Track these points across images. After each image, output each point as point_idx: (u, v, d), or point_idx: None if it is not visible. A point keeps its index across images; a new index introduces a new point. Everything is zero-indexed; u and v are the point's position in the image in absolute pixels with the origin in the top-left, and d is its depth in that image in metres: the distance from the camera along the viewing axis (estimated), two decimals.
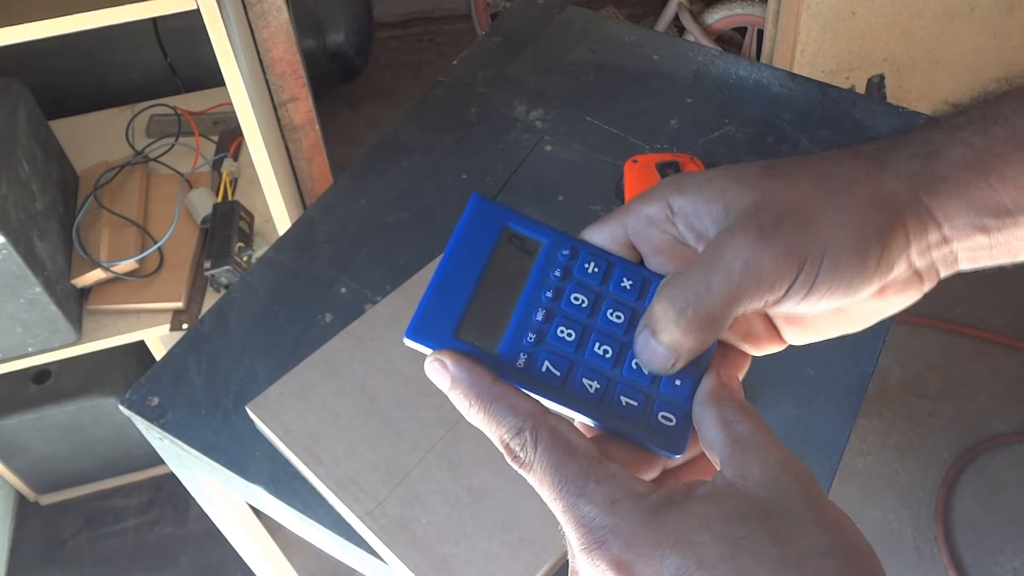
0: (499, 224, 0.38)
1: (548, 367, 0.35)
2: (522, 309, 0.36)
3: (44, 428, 1.41)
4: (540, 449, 0.32)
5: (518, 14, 1.05)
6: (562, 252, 0.37)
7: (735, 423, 0.32)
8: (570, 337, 0.36)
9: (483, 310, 0.36)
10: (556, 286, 0.37)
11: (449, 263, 0.37)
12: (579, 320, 0.37)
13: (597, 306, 0.37)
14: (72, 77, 1.46)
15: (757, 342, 0.38)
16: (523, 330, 0.36)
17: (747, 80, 0.95)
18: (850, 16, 1.64)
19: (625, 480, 0.32)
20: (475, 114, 0.92)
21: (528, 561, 0.59)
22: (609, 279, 0.37)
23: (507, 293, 0.37)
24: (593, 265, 0.37)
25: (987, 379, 1.70)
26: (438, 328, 0.36)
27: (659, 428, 0.35)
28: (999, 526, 1.50)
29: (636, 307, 0.37)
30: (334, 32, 1.96)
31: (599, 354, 0.36)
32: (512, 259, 0.37)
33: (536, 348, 0.36)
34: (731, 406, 0.33)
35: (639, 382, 0.36)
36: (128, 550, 1.53)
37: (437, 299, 0.36)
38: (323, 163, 1.48)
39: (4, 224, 1.02)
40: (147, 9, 0.94)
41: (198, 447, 0.67)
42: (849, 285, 0.33)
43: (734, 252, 0.33)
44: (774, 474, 0.30)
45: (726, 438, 0.32)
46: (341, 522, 0.63)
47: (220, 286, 1.21)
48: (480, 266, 0.37)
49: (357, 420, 0.65)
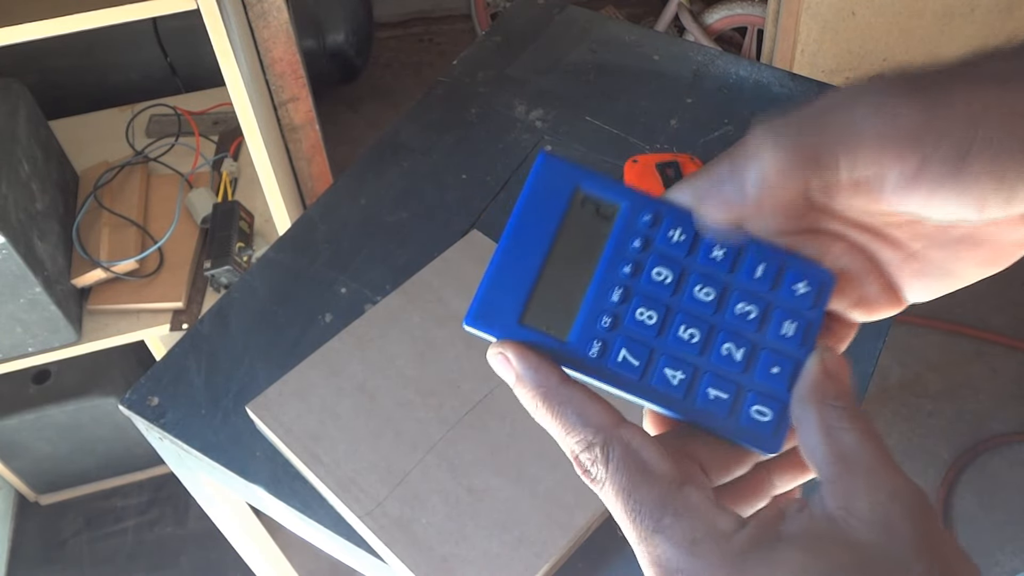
0: (570, 186, 0.33)
1: (625, 356, 0.31)
2: (596, 288, 0.32)
3: (44, 428, 1.41)
4: (612, 468, 0.29)
5: (518, 14, 1.05)
6: (642, 217, 0.32)
7: (840, 431, 0.28)
8: (651, 320, 0.32)
9: (552, 290, 0.32)
10: (635, 259, 0.32)
11: (513, 235, 0.33)
12: (661, 299, 0.32)
13: (682, 281, 0.32)
14: (72, 77, 1.46)
15: (870, 306, 0.32)
16: (597, 313, 0.32)
17: (747, 80, 0.95)
18: (850, 16, 1.64)
19: (707, 514, 0.28)
20: (475, 114, 0.92)
21: (528, 561, 0.59)
22: (697, 247, 0.32)
23: (580, 269, 0.32)
24: (679, 232, 0.32)
25: (987, 379, 1.70)
26: (502, 313, 0.32)
27: (752, 424, 0.31)
28: (999, 526, 1.51)
29: (729, 281, 0.32)
30: (334, 32, 1.96)
31: (684, 339, 0.31)
32: (586, 228, 0.33)
33: (611, 334, 0.31)
34: (837, 408, 0.28)
35: (730, 370, 0.31)
36: (128, 550, 1.53)
37: (500, 278, 0.32)
38: (323, 163, 1.48)
39: (4, 224, 1.02)
40: (147, 9, 0.94)
41: (198, 447, 0.67)
42: (1002, 181, 0.26)
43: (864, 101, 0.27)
44: (883, 511, 0.26)
45: (829, 450, 0.27)
46: (341, 522, 0.63)
47: (220, 286, 1.21)
48: (549, 237, 0.32)
49: (357, 420, 0.65)
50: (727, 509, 0.28)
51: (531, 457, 0.63)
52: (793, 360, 0.31)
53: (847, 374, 0.30)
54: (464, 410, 0.66)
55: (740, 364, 0.31)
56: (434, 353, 0.69)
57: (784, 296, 0.32)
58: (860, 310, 0.32)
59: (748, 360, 0.31)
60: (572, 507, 0.61)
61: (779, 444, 0.31)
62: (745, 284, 0.32)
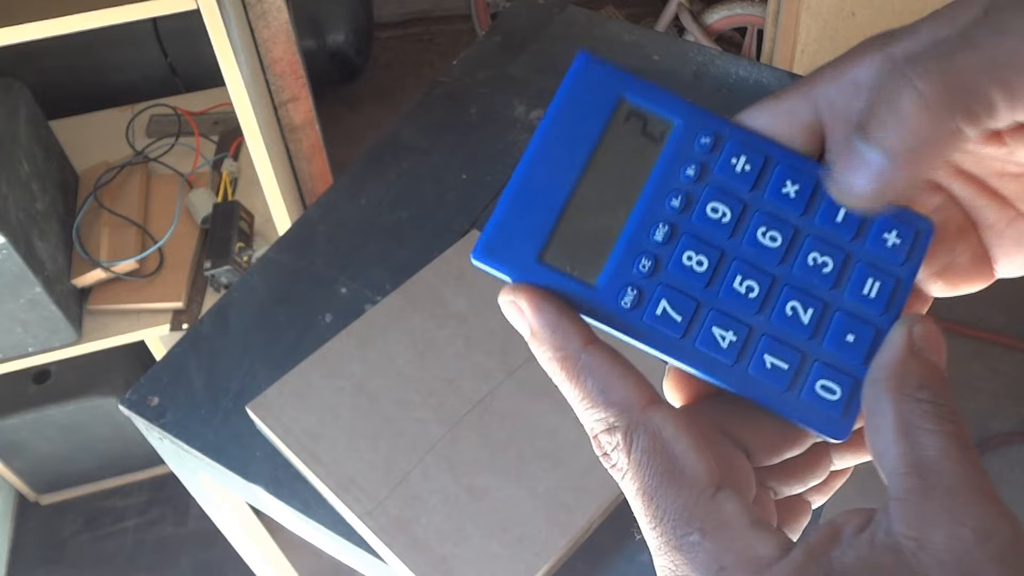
0: (613, 96, 0.27)
1: (665, 309, 0.26)
2: (637, 222, 0.26)
3: (44, 428, 1.41)
4: (635, 460, 0.24)
5: (518, 14, 1.05)
6: (700, 139, 0.27)
7: (921, 432, 0.22)
8: (701, 266, 0.26)
9: (582, 222, 0.26)
10: (687, 190, 0.26)
11: (539, 151, 0.27)
12: (715, 242, 0.26)
13: (743, 221, 0.26)
14: (72, 77, 1.46)
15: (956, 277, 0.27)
16: (635, 254, 0.26)
17: (747, 80, 0.95)
18: (850, 16, 1.64)
19: (742, 535, 0.22)
20: (475, 114, 0.92)
21: (528, 561, 0.59)
22: (764, 181, 0.26)
23: (618, 198, 0.27)
24: (744, 160, 0.26)
25: (987, 379, 1.70)
26: (518, 246, 0.26)
27: (816, 402, 0.25)
28: None
29: (801, 225, 0.26)
30: (334, 32, 1.96)
31: (740, 292, 0.26)
32: (629, 147, 0.27)
33: (650, 281, 0.26)
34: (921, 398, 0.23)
35: (794, 334, 0.26)
36: (128, 550, 1.53)
37: (520, 203, 0.27)
38: (323, 163, 1.48)
39: (4, 224, 1.02)
40: (147, 9, 0.94)
41: (198, 447, 0.67)
42: None
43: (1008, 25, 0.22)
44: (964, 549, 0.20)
45: (904, 457, 0.22)
46: (341, 522, 0.63)
47: (220, 286, 1.21)
48: (583, 157, 0.27)
49: (357, 420, 0.65)
50: (767, 528, 0.23)
51: (531, 457, 0.63)
52: (874, 328, 0.25)
53: (942, 356, 0.24)
54: (464, 410, 0.66)
55: (808, 328, 0.26)
56: (434, 353, 0.69)
57: (870, 247, 0.26)
58: (943, 281, 0.27)
59: (818, 323, 0.26)
60: (572, 507, 0.61)
61: (847, 429, 0.25)
62: (822, 230, 0.26)
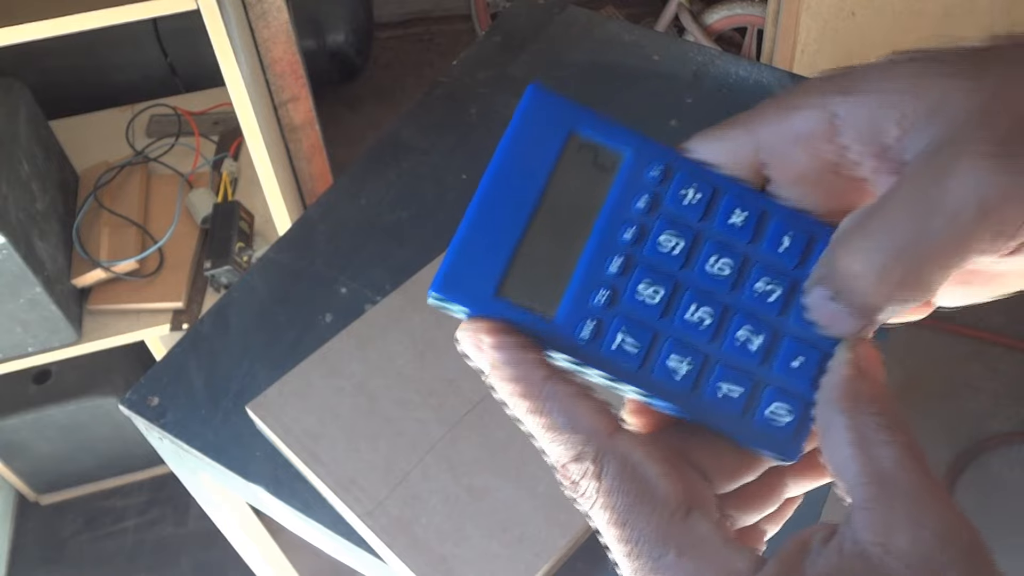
0: (564, 128, 0.27)
1: (622, 341, 0.26)
2: (592, 254, 0.27)
3: (44, 428, 1.41)
4: (606, 486, 0.24)
5: (518, 14, 1.05)
6: (651, 170, 0.27)
7: (877, 445, 0.23)
8: (655, 296, 0.26)
9: (538, 255, 0.27)
10: (640, 221, 0.27)
11: (493, 185, 0.27)
12: (669, 272, 0.27)
13: (695, 251, 0.27)
14: (72, 77, 1.46)
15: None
16: (591, 286, 0.26)
17: (747, 80, 0.95)
18: (850, 16, 1.64)
19: (718, 552, 0.23)
20: (475, 114, 0.92)
21: (528, 561, 0.59)
22: (714, 210, 0.27)
23: (572, 230, 0.27)
24: (693, 191, 0.27)
25: (987, 379, 1.70)
26: (476, 282, 0.26)
27: (768, 427, 0.26)
28: (999, 526, 1.50)
29: (749, 253, 0.27)
30: (334, 32, 1.96)
31: (693, 322, 0.26)
32: (581, 180, 0.27)
33: (607, 312, 0.26)
34: (872, 413, 0.24)
35: (745, 361, 0.26)
36: (128, 550, 1.53)
37: (476, 238, 0.27)
38: (323, 163, 1.48)
39: (4, 224, 1.02)
40: (147, 9, 0.94)
41: (198, 447, 0.67)
42: None
43: (963, 184, 0.22)
44: (927, 550, 0.21)
45: (863, 469, 0.23)
46: (341, 522, 0.63)
47: (220, 286, 1.21)
48: (536, 190, 0.27)
49: (357, 420, 0.65)
50: (739, 545, 0.24)
51: (531, 457, 0.63)
52: (820, 351, 0.26)
53: (881, 370, 0.25)
54: (464, 410, 0.66)
55: (758, 354, 0.26)
56: (434, 353, 0.69)
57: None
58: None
59: (767, 349, 0.26)
60: (572, 507, 0.61)
61: (798, 451, 0.26)
62: (769, 257, 0.27)
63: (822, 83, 0.26)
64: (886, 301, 0.24)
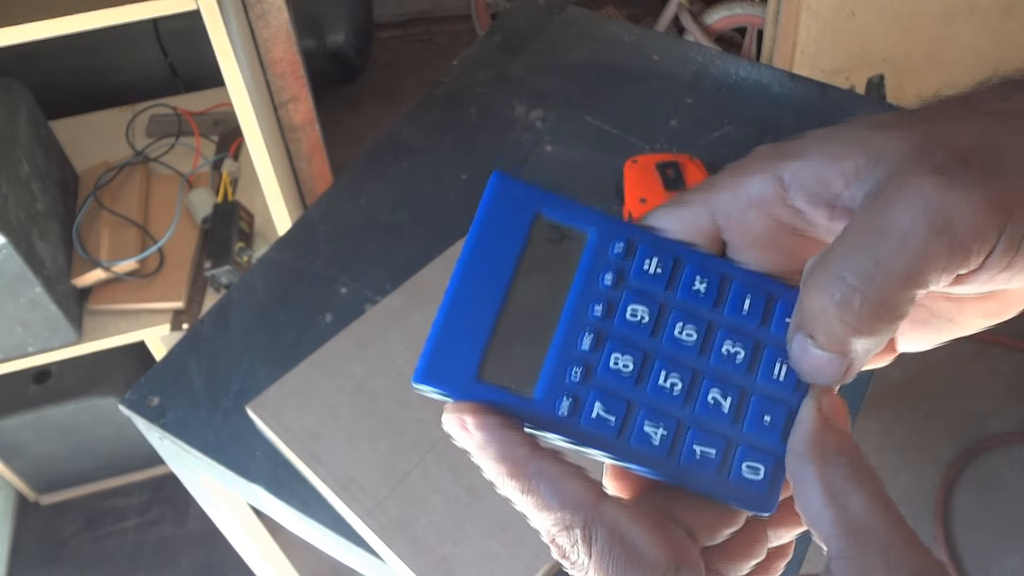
0: (530, 212, 0.29)
1: (599, 413, 0.27)
2: (564, 331, 0.28)
3: (44, 428, 1.41)
4: (596, 554, 0.25)
5: (518, 14, 1.05)
6: (614, 247, 0.28)
7: (847, 493, 0.24)
8: (627, 368, 0.28)
9: (514, 337, 0.28)
10: (607, 296, 0.28)
11: (466, 272, 0.28)
12: (638, 343, 0.28)
13: (661, 321, 0.28)
14: (72, 77, 1.46)
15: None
16: (566, 362, 0.28)
17: (747, 80, 0.95)
18: (850, 16, 1.64)
19: None
20: (475, 114, 0.92)
21: (528, 561, 0.59)
22: (676, 280, 0.28)
23: (545, 309, 0.28)
24: (656, 263, 0.28)
25: (987, 379, 1.70)
26: (456, 367, 0.28)
27: (743, 482, 0.27)
28: (999, 526, 1.51)
29: (713, 318, 0.28)
30: (334, 32, 1.96)
31: (665, 389, 0.28)
32: (549, 260, 0.28)
33: (583, 387, 0.28)
34: (840, 463, 0.25)
35: (717, 422, 0.28)
36: (128, 550, 1.53)
37: (453, 325, 0.28)
38: (323, 163, 1.48)
39: (4, 224, 1.02)
40: (147, 9, 0.94)
41: (198, 447, 0.67)
42: None
43: (910, 206, 0.23)
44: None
45: (837, 520, 0.24)
46: (341, 522, 0.63)
47: (220, 286, 1.21)
48: (507, 273, 0.28)
49: (357, 420, 0.65)
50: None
51: None
52: (786, 407, 0.27)
53: (846, 419, 0.26)
54: None
55: (728, 414, 0.28)
56: None
57: (776, 332, 0.28)
58: None
59: (737, 409, 0.28)
60: None
61: (773, 504, 0.27)
62: (731, 320, 0.28)
63: (770, 151, 0.27)
64: (853, 332, 0.25)
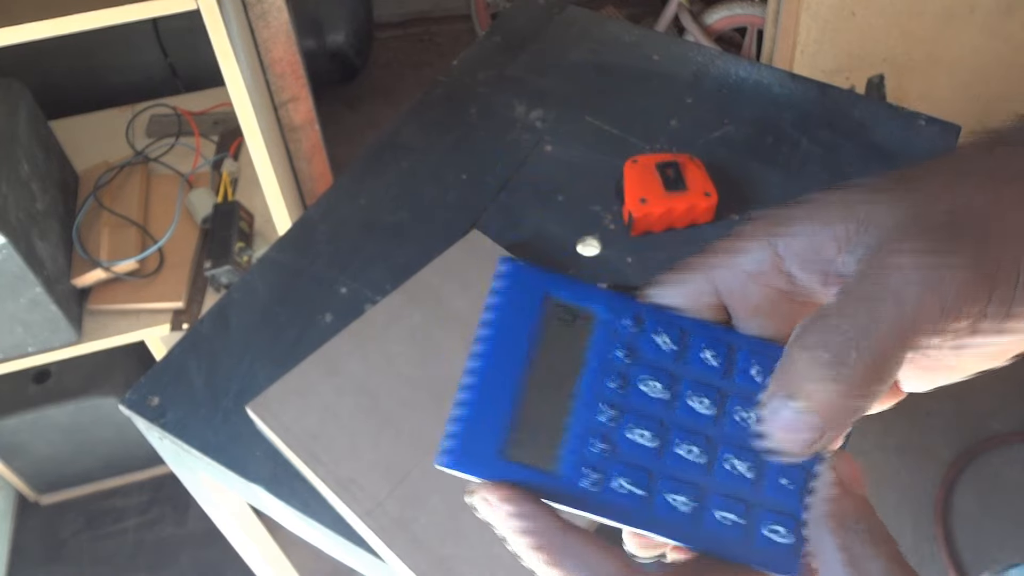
0: (539, 294, 0.30)
1: (623, 484, 0.28)
2: (582, 407, 0.29)
3: (44, 428, 1.41)
4: None
5: (518, 14, 1.05)
6: (623, 322, 0.29)
7: (866, 559, 0.25)
8: (645, 439, 0.28)
9: (535, 414, 0.28)
10: (621, 370, 0.29)
11: (484, 356, 0.29)
12: (655, 415, 0.28)
13: (675, 391, 0.29)
14: (72, 77, 1.46)
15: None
16: (586, 436, 0.28)
17: (747, 80, 0.95)
18: (850, 16, 1.64)
19: None
20: (475, 114, 0.92)
21: None
22: (685, 352, 0.29)
23: (562, 386, 0.29)
24: (664, 335, 0.29)
25: (987, 379, 1.69)
26: (481, 448, 0.28)
27: (768, 545, 0.28)
28: (999, 526, 1.51)
29: (724, 387, 0.29)
30: (334, 32, 1.96)
31: (685, 457, 0.28)
32: (562, 339, 0.29)
33: (605, 460, 0.28)
34: (859, 530, 0.25)
35: (738, 488, 0.28)
36: (128, 550, 1.53)
37: (476, 408, 0.28)
38: (323, 163, 1.48)
39: (4, 224, 1.02)
40: (147, 9, 0.94)
41: (198, 447, 0.67)
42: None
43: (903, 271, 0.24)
44: None
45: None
46: (341, 522, 0.63)
47: (220, 286, 1.21)
48: (524, 354, 0.29)
49: (357, 420, 0.65)
50: None
51: None
52: (804, 469, 0.28)
53: (863, 484, 0.27)
54: None
55: (748, 479, 0.28)
56: (434, 353, 0.69)
57: None
58: None
59: (756, 474, 0.28)
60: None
61: (796, 566, 0.28)
62: (742, 386, 0.29)
63: (762, 222, 0.28)
64: (845, 386, 0.24)
